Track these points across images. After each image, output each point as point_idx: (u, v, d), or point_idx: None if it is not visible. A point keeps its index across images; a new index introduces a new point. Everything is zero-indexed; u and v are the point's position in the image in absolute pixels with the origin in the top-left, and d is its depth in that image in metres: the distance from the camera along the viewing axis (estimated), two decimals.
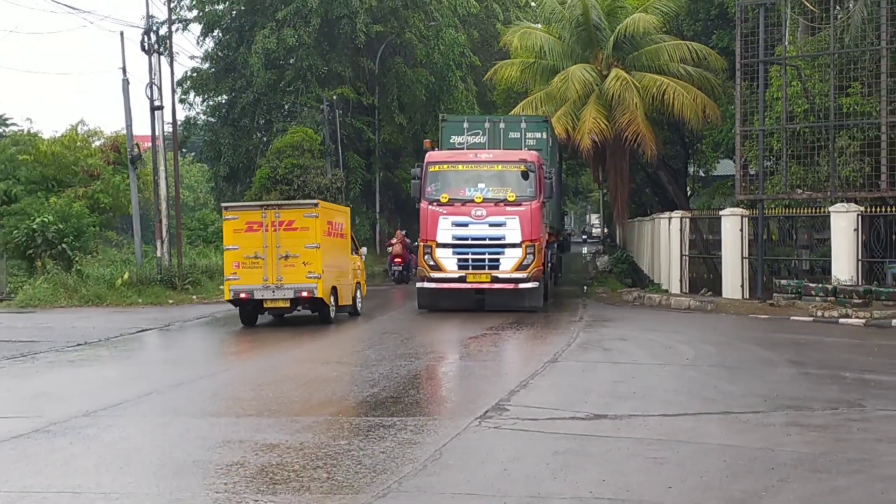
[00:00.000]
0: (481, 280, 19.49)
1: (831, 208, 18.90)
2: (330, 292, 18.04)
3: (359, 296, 20.48)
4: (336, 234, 19.27)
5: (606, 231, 53.32)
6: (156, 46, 25.99)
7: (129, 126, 27.34)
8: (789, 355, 13.02)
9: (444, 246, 19.46)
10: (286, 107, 40.11)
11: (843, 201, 18.94)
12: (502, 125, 24.13)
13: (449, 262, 19.44)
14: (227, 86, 39.46)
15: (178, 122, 31.56)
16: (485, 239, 19.42)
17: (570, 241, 51.96)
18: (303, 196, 28.97)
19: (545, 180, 20.02)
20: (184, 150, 46.68)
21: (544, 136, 23.94)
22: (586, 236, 77.14)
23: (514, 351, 15.25)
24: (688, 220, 23.75)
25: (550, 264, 23.33)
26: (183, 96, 39.39)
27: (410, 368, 12.37)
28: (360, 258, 21.53)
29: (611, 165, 30.80)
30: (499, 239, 19.39)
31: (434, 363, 13.55)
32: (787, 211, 20.69)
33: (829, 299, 18.15)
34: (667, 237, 24.23)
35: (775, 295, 19.45)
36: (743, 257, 20.91)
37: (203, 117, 42.62)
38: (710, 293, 21.66)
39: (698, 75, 27.81)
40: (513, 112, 29.28)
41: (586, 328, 17.15)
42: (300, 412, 9.30)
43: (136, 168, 27.83)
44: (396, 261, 30.00)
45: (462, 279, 19.46)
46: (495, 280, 19.41)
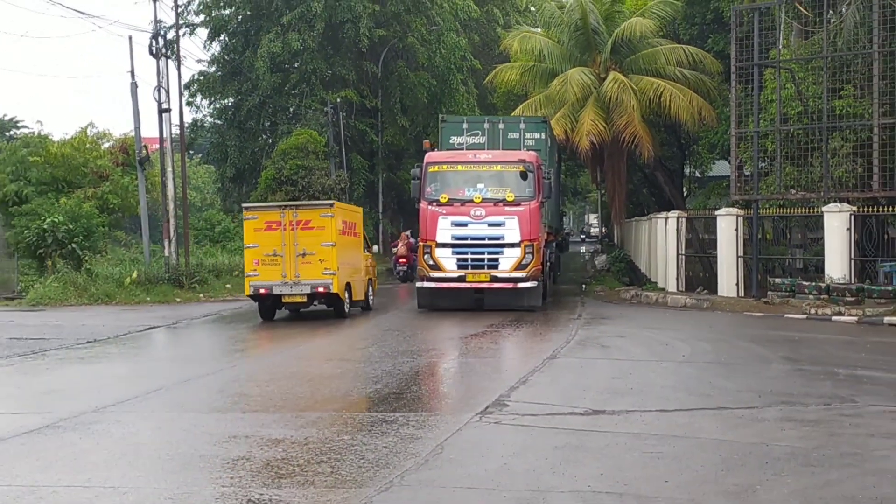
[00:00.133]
0: (480, 279, 19.38)
1: (824, 208, 19.01)
2: (344, 288, 18.72)
3: (371, 291, 21.10)
4: (350, 233, 19.85)
5: (604, 231, 53.54)
6: (163, 50, 26.24)
7: (137, 128, 27.64)
8: (783, 352, 13.04)
9: (444, 246, 19.39)
10: (291, 109, 40.36)
11: (835, 201, 19.06)
12: (501, 126, 24.06)
13: (448, 261, 19.37)
14: (234, 89, 39.74)
15: (185, 125, 31.92)
16: (484, 239, 19.35)
17: (569, 240, 51.99)
18: (307, 196, 29.36)
19: (544, 180, 19.91)
20: (191, 151, 47.13)
21: (543, 137, 23.87)
22: (585, 236, 77.13)
23: (513, 348, 15.29)
24: (684, 219, 23.84)
25: (549, 263, 23.21)
26: (190, 99, 39.78)
27: (412, 365, 12.43)
28: (372, 256, 21.95)
29: (609, 166, 30.88)
30: (498, 239, 19.31)
31: (435, 360, 13.60)
32: (782, 211, 20.79)
33: (822, 297, 18.26)
34: (663, 237, 24.32)
35: (770, 293, 19.56)
36: (738, 256, 21.02)
37: (210, 120, 42.90)
38: (705, 291, 21.78)
39: (694, 78, 27.90)
40: (513, 114, 29.27)
41: (585, 326, 17.18)
42: (305, 408, 9.36)
43: (144, 169, 28.12)
44: (401, 261, 30.21)
45: (461, 279, 19.36)
46: (494, 279, 19.30)
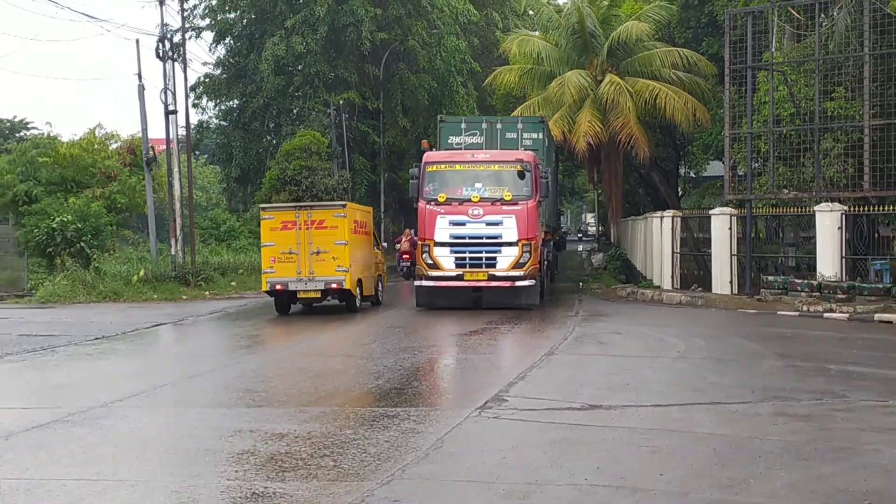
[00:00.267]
0: (478, 278, 19.37)
1: (816, 207, 19.20)
2: (356, 284, 19.41)
3: (380, 287, 21.74)
4: (361, 232, 20.41)
5: (601, 230, 53.75)
6: (170, 53, 26.44)
7: (144, 129, 27.93)
8: (776, 348, 13.19)
9: (442, 245, 19.41)
10: (295, 111, 40.59)
11: (827, 201, 19.24)
12: (499, 126, 23.97)
13: (446, 260, 19.40)
14: (238, 91, 40.02)
15: (191, 126, 32.12)
16: (482, 238, 19.37)
17: (567, 239, 52.15)
18: (311, 196, 29.70)
19: (541, 180, 19.88)
20: (197, 152, 47.40)
21: (540, 137, 23.82)
22: (582, 235, 77.14)
23: (512, 344, 15.39)
24: (679, 219, 24.01)
25: (547, 262, 23.19)
26: (196, 101, 39.94)
27: (413, 361, 12.57)
28: (381, 253, 22.39)
29: (605, 167, 31.08)
30: (496, 238, 19.34)
31: (436, 356, 13.75)
32: (774, 210, 21.04)
33: (814, 295, 18.47)
34: (659, 235, 24.51)
35: (763, 290, 19.77)
36: (732, 254, 21.20)
37: (215, 121, 43.27)
38: (700, 289, 21.97)
39: (689, 80, 28.15)
40: (511, 115, 29.30)
41: (582, 323, 17.29)
42: (308, 403, 9.49)
43: (151, 170, 28.45)
44: (405, 257, 30.32)
45: (459, 277, 19.37)
46: (492, 278, 19.30)
